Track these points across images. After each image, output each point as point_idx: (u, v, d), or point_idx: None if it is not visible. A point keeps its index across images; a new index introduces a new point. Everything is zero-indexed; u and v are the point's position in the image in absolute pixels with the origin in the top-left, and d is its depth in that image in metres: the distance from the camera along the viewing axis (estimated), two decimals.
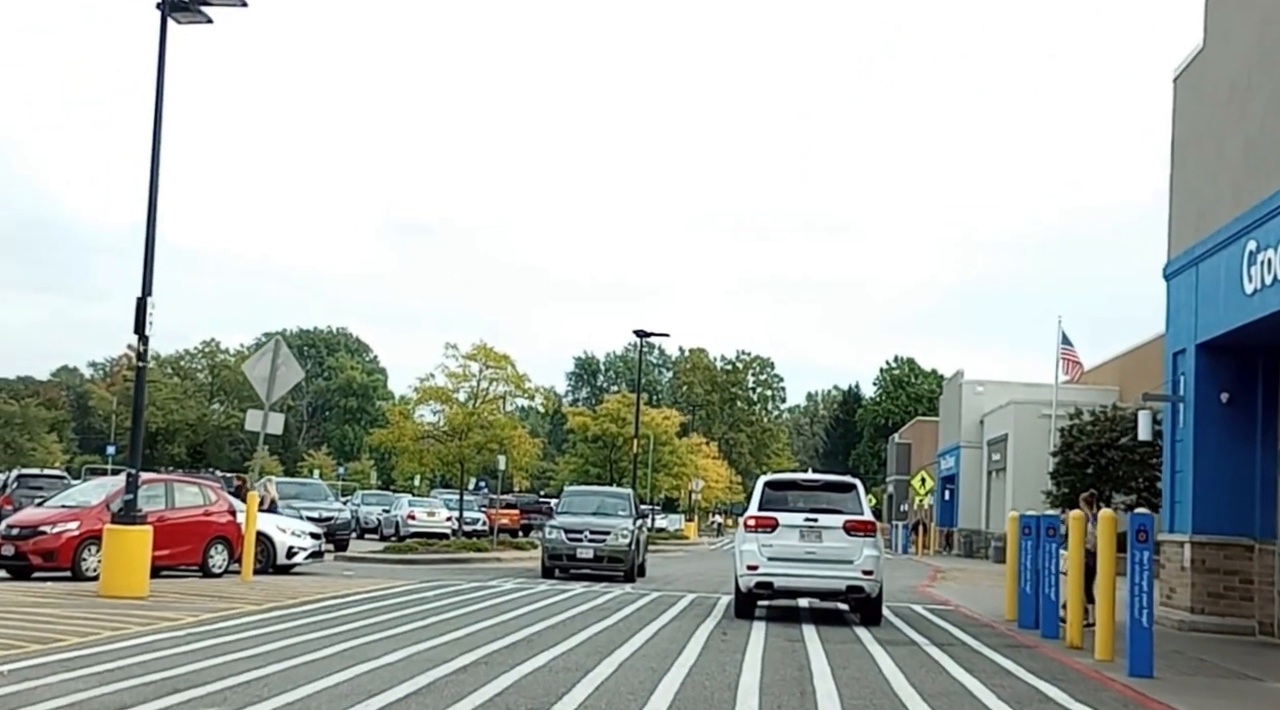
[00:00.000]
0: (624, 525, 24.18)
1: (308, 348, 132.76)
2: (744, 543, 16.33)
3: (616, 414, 46.96)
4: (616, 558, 23.59)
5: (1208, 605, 16.95)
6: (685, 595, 20.38)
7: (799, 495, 16.71)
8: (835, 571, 15.80)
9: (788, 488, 16.92)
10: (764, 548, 15.96)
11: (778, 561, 15.87)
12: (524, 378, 30.60)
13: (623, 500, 26.44)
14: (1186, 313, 17.70)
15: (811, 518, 16.01)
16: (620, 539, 23.64)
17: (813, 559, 15.88)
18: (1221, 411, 17.13)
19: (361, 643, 11.73)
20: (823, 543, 15.89)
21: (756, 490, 16.95)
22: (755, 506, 16.51)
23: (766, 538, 16.00)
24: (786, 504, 16.41)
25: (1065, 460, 44.84)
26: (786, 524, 15.99)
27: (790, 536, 15.94)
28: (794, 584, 16.08)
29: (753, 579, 15.97)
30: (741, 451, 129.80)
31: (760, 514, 16.25)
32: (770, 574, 15.89)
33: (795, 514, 16.09)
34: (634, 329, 43.76)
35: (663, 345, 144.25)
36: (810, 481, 17.27)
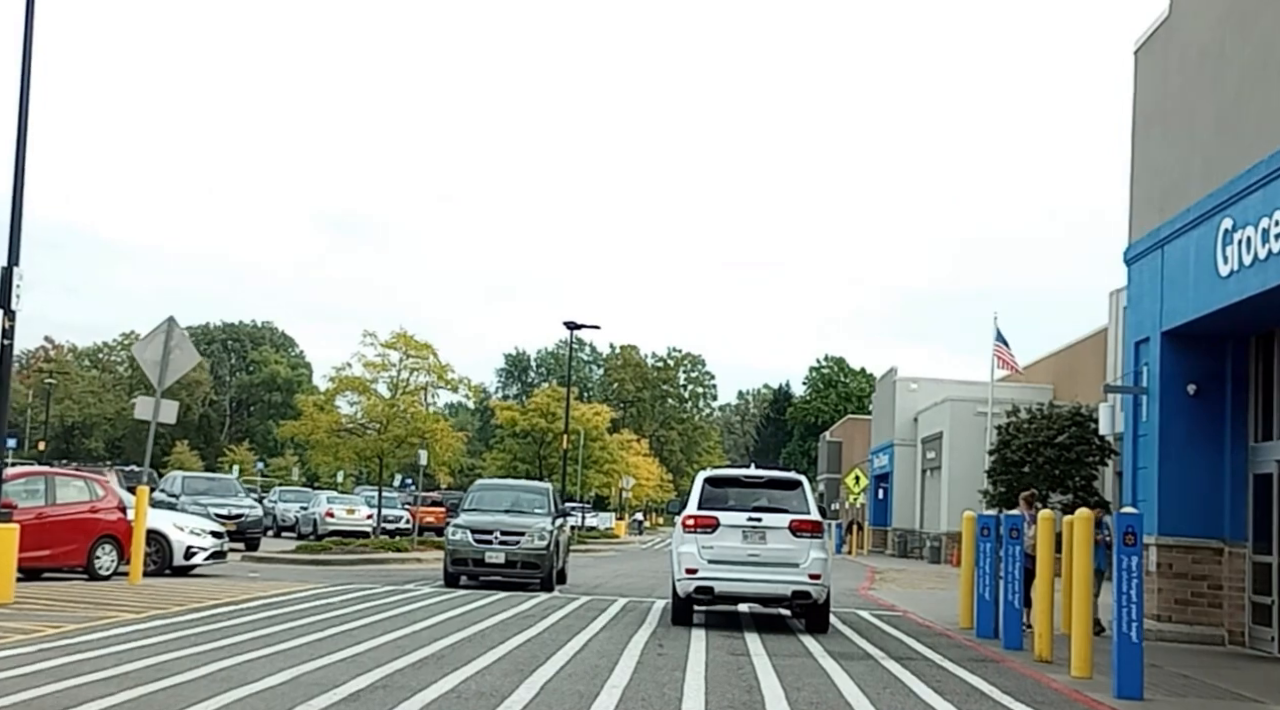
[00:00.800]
0: (541, 525, 21.08)
1: (232, 341, 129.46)
2: (682, 544, 15.18)
3: (546, 408, 45.32)
4: (532, 562, 20.62)
5: (1175, 613, 15.91)
6: (616, 600, 18.98)
7: (741, 493, 15.55)
8: (780, 575, 14.77)
9: (729, 484, 15.76)
10: (704, 550, 14.86)
11: (719, 564, 14.80)
12: (447, 368, 28.95)
13: (541, 496, 23.16)
14: (1150, 299, 16.65)
15: (755, 517, 14.94)
16: (537, 541, 20.66)
17: (756, 562, 14.82)
18: (1188, 404, 16.09)
19: (241, 661, 10.14)
20: (767, 544, 14.85)
21: (696, 487, 15.81)
22: (694, 505, 15.36)
23: (706, 539, 14.89)
24: (728, 502, 15.30)
25: (1002, 458, 44.06)
26: (728, 524, 14.91)
27: (732, 537, 14.87)
28: (736, 589, 15.02)
29: (692, 583, 14.87)
30: (673, 449, 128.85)
31: (700, 513, 15.10)
32: (711, 578, 14.79)
33: (737, 513, 15.01)
34: (564, 321, 42.30)
35: (594, 342, 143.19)
36: (753, 478, 15.96)
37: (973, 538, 16.47)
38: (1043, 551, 13.31)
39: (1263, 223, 13.03)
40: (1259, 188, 13.25)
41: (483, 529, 20.73)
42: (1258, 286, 13.25)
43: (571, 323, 42.84)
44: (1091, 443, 42.90)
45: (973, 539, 16.45)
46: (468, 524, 21.03)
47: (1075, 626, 11.68)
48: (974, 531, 16.40)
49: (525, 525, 20.90)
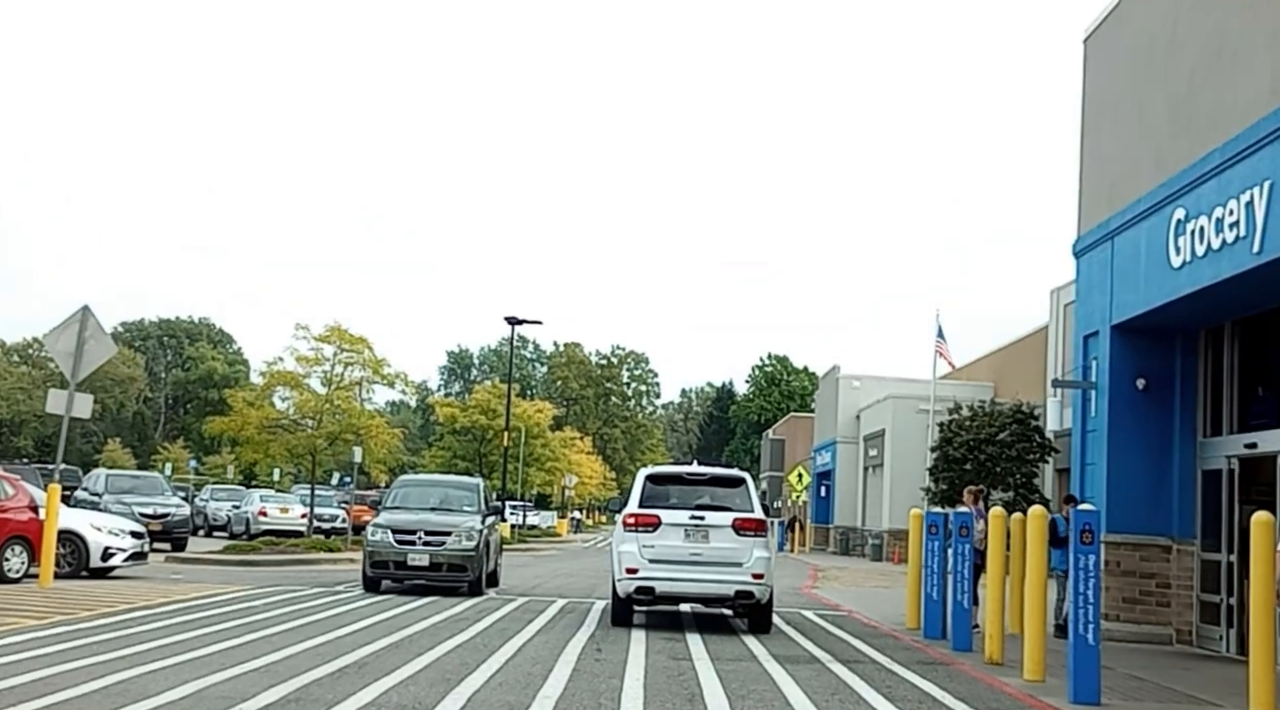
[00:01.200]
0: (470, 524, 19.28)
1: (168, 337, 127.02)
2: (622, 543, 14.77)
3: (487, 405, 44.47)
4: (458, 565, 18.82)
5: (1123, 611, 15.60)
6: (554, 601, 18.38)
7: (684, 490, 15.17)
8: (723, 575, 14.44)
9: (671, 482, 15.36)
10: (645, 549, 14.49)
11: (660, 564, 14.45)
12: (383, 362, 28.10)
13: (469, 493, 21.26)
14: (1100, 292, 16.34)
15: (698, 515, 14.60)
16: (465, 541, 18.86)
17: (699, 561, 14.47)
18: (1138, 399, 15.80)
19: (143, 672, 9.41)
20: (710, 543, 14.49)
21: (637, 484, 15.41)
22: (635, 503, 14.96)
23: (648, 538, 14.52)
24: (670, 500, 14.91)
25: (944, 456, 44.02)
26: (670, 522, 14.54)
27: (674, 536, 14.51)
28: (678, 589, 14.64)
29: (632, 583, 14.49)
30: (616, 447, 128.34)
31: (641, 511, 14.71)
32: (652, 578, 14.43)
33: (680, 511, 14.65)
34: (505, 316, 41.54)
35: (537, 339, 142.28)
36: (696, 475, 15.58)
37: (920, 535, 16.07)
38: (994, 549, 12.92)
39: (1216, 212, 12.73)
40: (1212, 177, 12.94)
41: (405, 529, 19.04)
42: (1210, 277, 12.94)
43: (513, 318, 42.10)
44: (1032, 440, 42.98)
45: (920, 537, 16.05)
46: (389, 523, 19.30)
47: (1029, 627, 11.27)
48: (921, 529, 16.01)
49: (452, 524, 19.20)
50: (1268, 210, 11.68)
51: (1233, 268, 12.40)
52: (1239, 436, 14.71)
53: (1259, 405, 14.59)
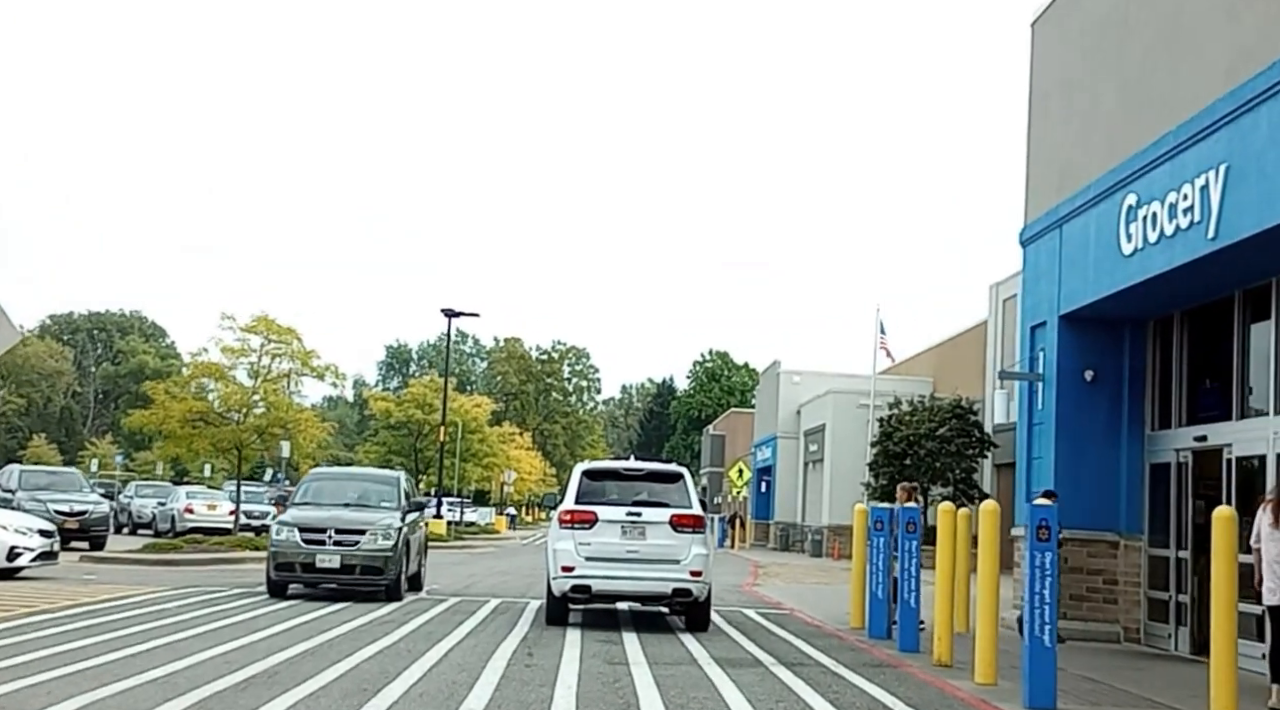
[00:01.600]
0: (387, 521, 17.28)
1: (97, 330, 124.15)
2: (558, 540, 14.42)
3: (423, 399, 43.47)
4: (373, 567, 16.84)
5: (1070, 609, 15.21)
6: (486, 601, 17.68)
7: (621, 486, 14.86)
8: (661, 572, 14.13)
9: (608, 477, 15.06)
10: (581, 546, 14.15)
11: (597, 562, 14.11)
12: (312, 354, 27.14)
13: (388, 487, 19.15)
14: (1047, 281, 15.96)
15: (635, 512, 14.28)
16: (381, 540, 16.85)
17: (636, 558, 14.15)
18: (1085, 391, 15.44)
19: (31, 684, 8.61)
20: (647, 540, 14.17)
21: (573, 480, 15.04)
22: (571, 499, 14.62)
23: (584, 535, 14.20)
24: (607, 496, 14.60)
25: (884, 451, 43.85)
26: (607, 519, 14.21)
27: (611, 533, 14.17)
28: (615, 587, 14.30)
29: (568, 582, 14.17)
30: (556, 443, 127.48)
31: (577, 508, 14.38)
32: (588, 576, 14.10)
33: (617, 508, 14.32)
34: (442, 308, 40.68)
35: (477, 335, 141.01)
36: (633, 471, 15.28)
37: (864, 532, 15.59)
38: (943, 546, 12.45)
39: (1169, 198, 12.34)
40: (1166, 161, 12.56)
41: (314, 527, 17.03)
42: (1163, 265, 12.56)
43: (449, 310, 41.25)
44: (972, 435, 42.93)
45: (864, 533, 15.58)
46: (296, 521, 17.30)
47: (981, 628, 10.78)
48: (865, 525, 15.54)
49: (367, 522, 17.17)
50: (1223, 194, 11.30)
51: (1186, 254, 12.02)
52: (1188, 429, 14.40)
53: (1208, 398, 14.28)
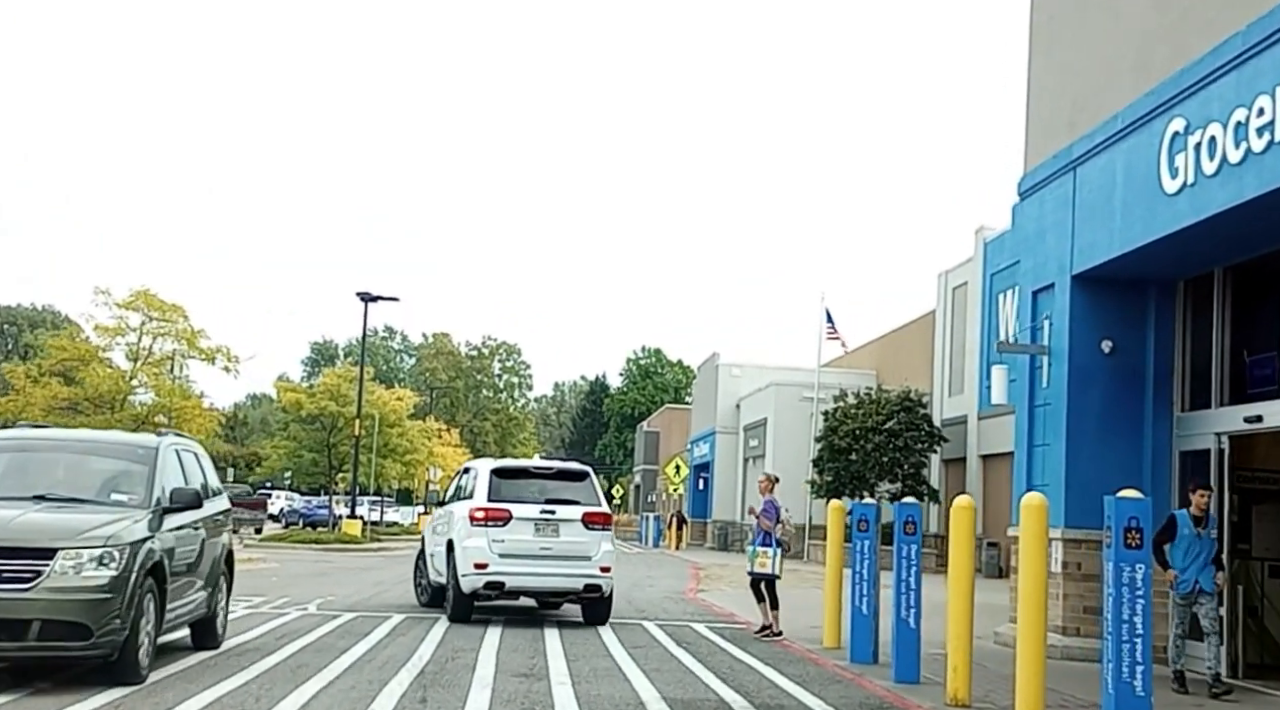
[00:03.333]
0: (110, 531, 8.91)
1: (7, 325, 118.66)
2: (468, 537, 14.46)
3: (337, 390, 40.27)
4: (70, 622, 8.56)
5: (1083, 624, 12.81)
6: (389, 617, 14.84)
7: (532, 485, 15.09)
8: (572, 568, 14.55)
9: (518, 476, 15.28)
10: (495, 543, 14.32)
11: (510, 558, 14.35)
12: (199, 333, 24.01)
13: (131, 466, 10.33)
14: (1056, 236, 13.49)
15: (549, 509, 14.62)
16: (88, 571, 8.65)
17: (549, 555, 14.48)
18: (1102, 365, 13.00)
19: None
20: (560, 537, 14.54)
21: (480, 478, 15.04)
22: (483, 496, 14.64)
23: (498, 532, 14.36)
24: (519, 494, 14.79)
25: (829, 445, 41.51)
26: (520, 517, 14.44)
27: (525, 530, 14.45)
28: (528, 583, 14.67)
29: (481, 578, 14.32)
30: (487, 440, 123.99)
31: (491, 505, 14.47)
32: (502, 572, 14.33)
33: (530, 506, 14.59)
34: (357, 291, 37.53)
35: (405, 330, 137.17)
36: (543, 469, 15.74)
37: (841, 533, 13.01)
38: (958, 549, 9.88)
39: (1236, 115, 9.88)
40: (1229, 71, 10.09)
41: None
42: (1226, 201, 10.09)
43: (365, 294, 38.13)
44: (921, 428, 40.72)
45: (841, 534, 12.99)
46: None
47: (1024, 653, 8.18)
48: (842, 525, 12.96)
49: (64, 534, 8.80)
50: None
51: (1262, 185, 9.56)
52: (1235, 409, 11.98)
53: (1260, 370, 11.88)
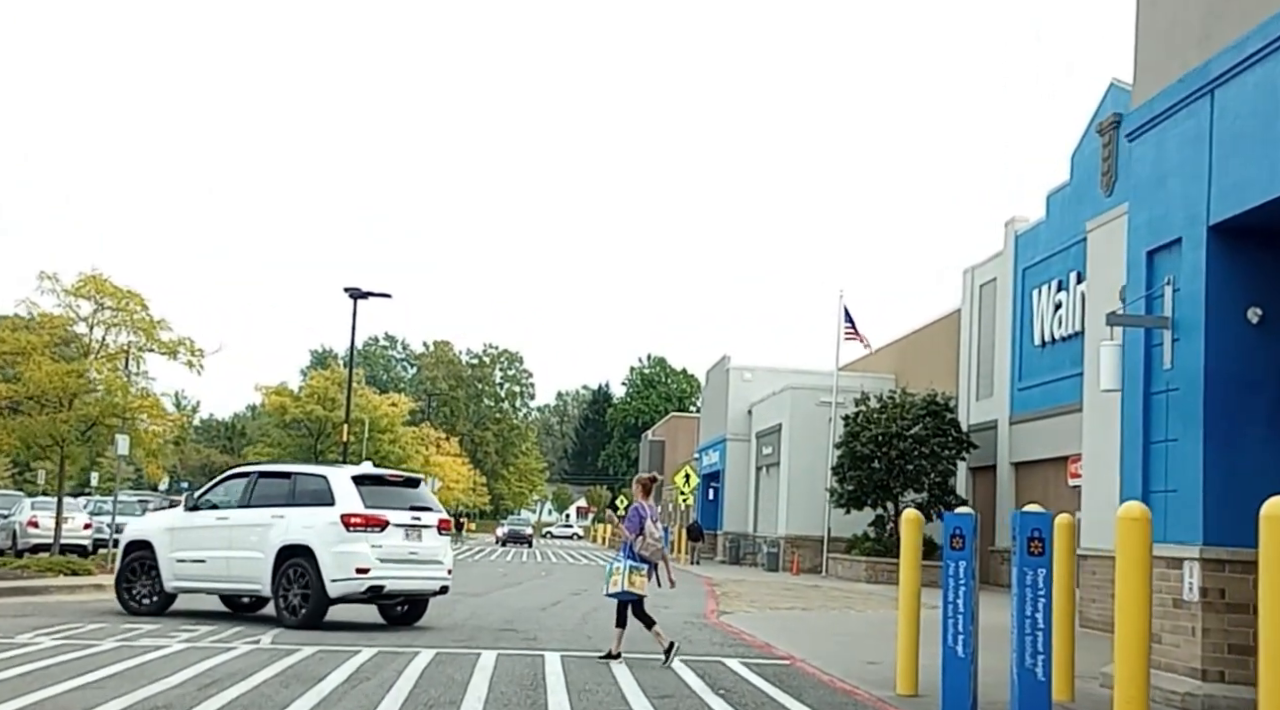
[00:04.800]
0: None
1: None
2: (344, 543, 14.68)
3: (324, 393, 37.57)
4: None
5: (1229, 667, 10.09)
6: (356, 651, 12.17)
7: (389, 492, 15.55)
8: (431, 571, 15.49)
9: (377, 483, 15.68)
10: (374, 548, 14.78)
11: (388, 563, 14.88)
12: (160, 324, 21.30)
13: None
14: (1184, 179, 10.81)
15: (416, 516, 15.39)
16: None
17: (415, 559, 15.28)
18: (1250, 339, 10.32)
19: None
20: (423, 542, 15.40)
21: (341, 485, 15.13)
22: (356, 503, 14.89)
23: (377, 537, 14.83)
24: (387, 501, 15.25)
25: (850, 452, 38.82)
26: (396, 523, 15.09)
27: (397, 536, 15.08)
28: (402, 586, 15.25)
29: (363, 583, 14.74)
30: (488, 450, 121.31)
31: (370, 512, 14.87)
32: (383, 577, 14.82)
33: (402, 512, 15.24)
34: (345, 287, 34.92)
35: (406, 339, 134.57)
36: (395, 477, 16.54)
37: (916, 550, 10.30)
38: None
39: None
40: None
41: None
42: None
43: (355, 290, 35.54)
44: (948, 434, 37.94)
45: (916, 552, 10.28)
46: None
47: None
48: (918, 538, 10.26)
49: None
50: None
51: None
52: None
53: None
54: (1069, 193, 33.54)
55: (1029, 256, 36.03)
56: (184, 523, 16.01)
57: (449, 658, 11.93)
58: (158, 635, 13.26)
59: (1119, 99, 30.57)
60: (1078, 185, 33.01)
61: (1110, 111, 30.86)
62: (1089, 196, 32.08)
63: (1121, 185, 29.93)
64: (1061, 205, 34.14)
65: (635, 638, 14.23)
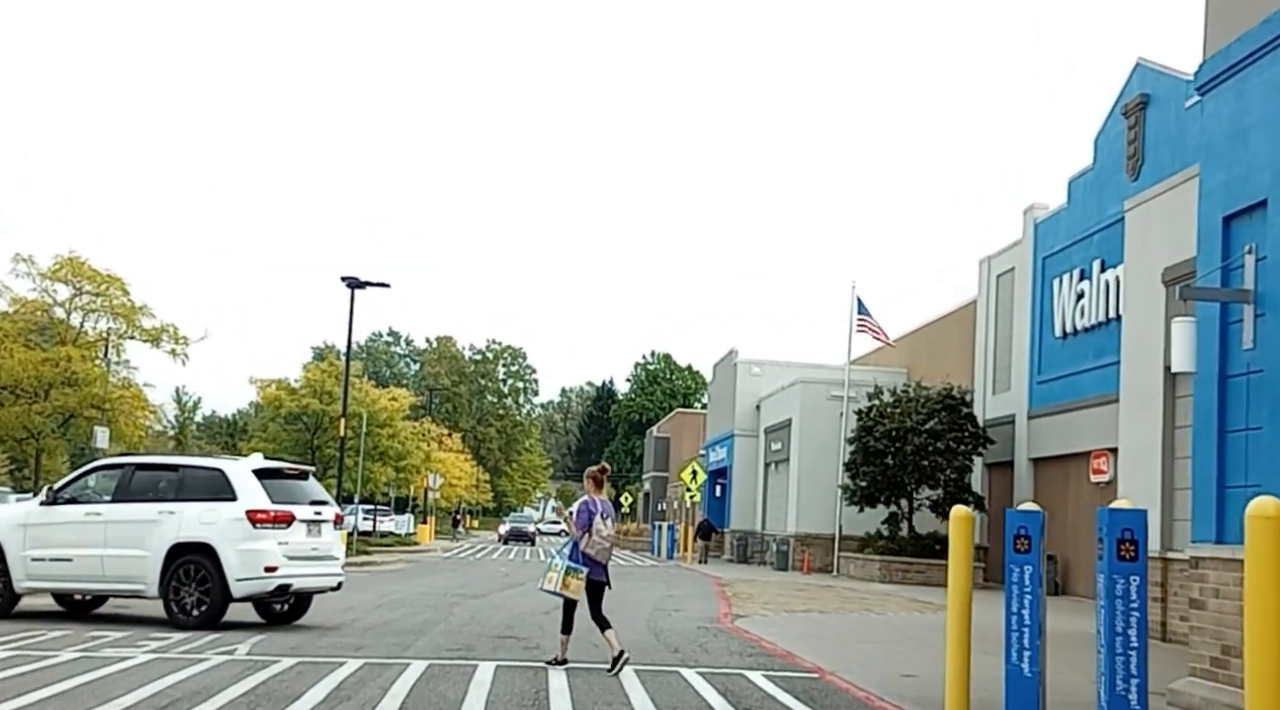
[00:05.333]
0: None
1: None
2: (249, 541, 13.83)
3: (321, 386, 36.36)
4: None
5: None
6: (341, 662, 11.00)
7: (292, 486, 14.70)
8: (328, 567, 14.92)
9: (277, 477, 14.70)
10: (282, 545, 14.02)
11: (294, 560, 14.18)
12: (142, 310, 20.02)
13: None
14: (1268, 133, 9.58)
15: (318, 511, 14.71)
16: None
17: (315, 555, 14.61)
18: None
19: None
20: (322, 537, 14.76)
21: (243, 479, 14.20)
22: (261, 498, 14.02)
23: (284, 534, 14.07)
24: (290, 496, 14.43)
25: (863, 448, 37.58)
26: (301, 518, 14.33)
27: (301, 532, 14.34)
28: (306, 584, 14.60)
29: (272, 582, 13.98)
30: (491, 447, 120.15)
31: (278, 508, 14.08)
32: (290, 575, 14.14)
33: (304, 507, 14.48)
34: (342, 276, 33.73)
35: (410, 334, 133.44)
36: (292, 470, 15.33)
37: (967, 552, 9.07)
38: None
39: None
40: None
41: None
42: None
43: (353, 280, 34.36)
44: (965, 429, 36.65)
45: (968, 554, 9.05)
46: None
47: None
48: (968, 539, 9.03)
49: None
50: None
51: None
52: None
53: None
54: (1091, 178, 32.32)
55: (1049, 245, 34.81)
56: (41, 519, 14.51)
57: (442, 671, 10.76)
58: (123, 645, 12.10)
59: (1145, 79, 29.32)
60: (1101, 170, 31.79)
61: (1136, 92, 29.64)
62: (1113, 181, 30.87)
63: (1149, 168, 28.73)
64: (1083, 191, 32.92)
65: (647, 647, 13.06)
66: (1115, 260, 30.42)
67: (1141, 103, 29.40)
